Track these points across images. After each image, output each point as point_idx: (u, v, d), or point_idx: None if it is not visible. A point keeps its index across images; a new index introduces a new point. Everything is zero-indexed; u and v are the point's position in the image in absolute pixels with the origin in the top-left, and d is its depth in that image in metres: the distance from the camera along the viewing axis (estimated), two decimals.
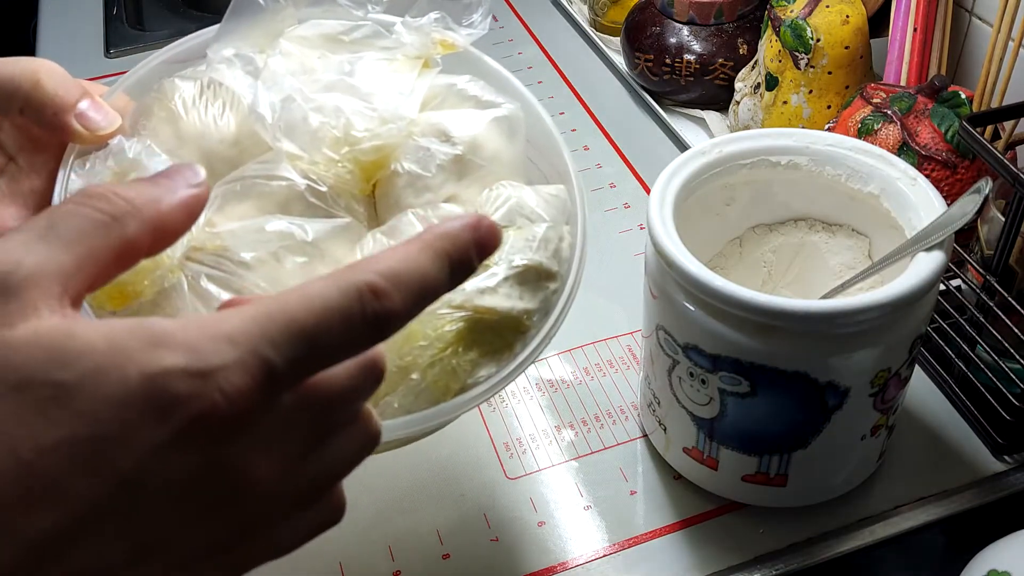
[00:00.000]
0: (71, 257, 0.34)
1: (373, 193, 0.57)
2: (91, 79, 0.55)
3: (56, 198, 0.52)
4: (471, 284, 0.51)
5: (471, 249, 0.38)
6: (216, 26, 0.58)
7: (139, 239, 0.36)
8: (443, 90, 0.59)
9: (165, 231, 0.38)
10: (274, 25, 0.58)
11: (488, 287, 0.51)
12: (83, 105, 0.53)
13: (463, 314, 0.50)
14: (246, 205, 0.53)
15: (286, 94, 0.54)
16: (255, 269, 0.49)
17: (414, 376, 0.50)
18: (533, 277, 0.52)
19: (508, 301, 0.51)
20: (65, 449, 0.30)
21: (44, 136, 0.54)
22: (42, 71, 0.52)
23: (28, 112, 0.52)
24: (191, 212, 0.39)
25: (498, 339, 0.52)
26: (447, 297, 0.50)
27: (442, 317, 0.50)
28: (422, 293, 0.36)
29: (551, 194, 0.57)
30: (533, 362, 0.53)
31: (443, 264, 0.37)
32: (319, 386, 0.35)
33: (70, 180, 0.52)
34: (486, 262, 0.51)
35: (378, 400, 0.50)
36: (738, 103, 0.99)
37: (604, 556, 0.66)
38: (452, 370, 0.50)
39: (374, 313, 0.34)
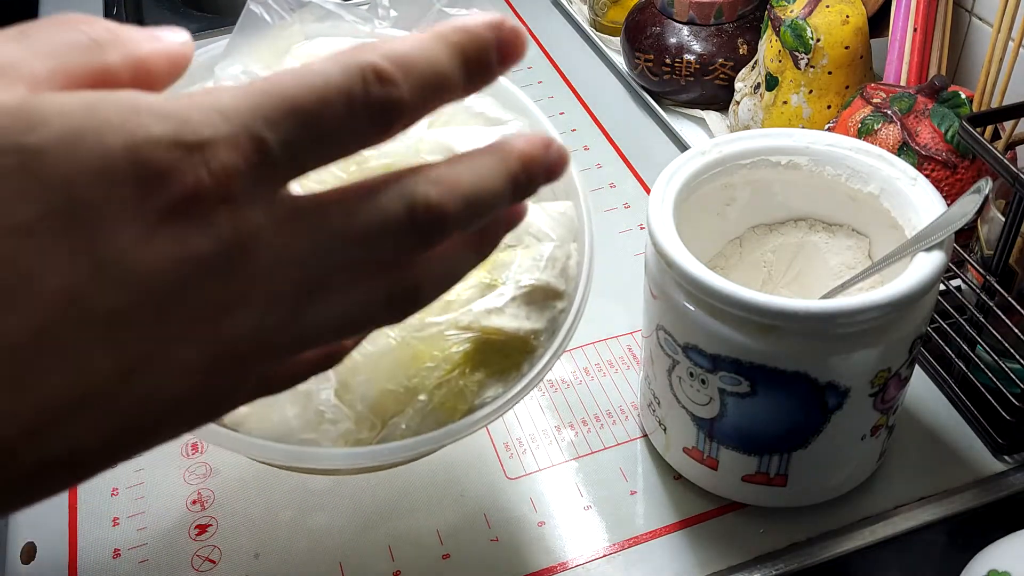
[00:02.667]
0: (43, 65, 0.29)
1: None
2: None
3: None
4: (478, 304, 0.51)
5: (491, 50, 0.34)
6: (222, 43, 0.58)
7: (117, 70, 0.32)
8: (450, 107, 0.59)
9: (147, 72, 0.33)
10: (281, 42, 0.57)
11: (495, 307, 0.51)
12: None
13: (470, 335, 0.50)
14: None
15: None
16: None
17: (421, 397, 0.50)
18: (540, 297, 0.52)
19: (515, 321, 0.51)
20: (37, 230, 0.26)
21: None
22: None
23: None
24: (174, 63, 0.35)
25: (505, 359, 0.51)
26: (453, 318, 0.49)
27: (449, 338, 0.50)
28: (432, 86, 0.32)
29: (559, 212, 0.57)
30: (540, 382, 0.53)
31: (458, 60, 0.32)
32: (332, 217, 0.31)
33: None
34: (493, 281, 0.51)
35: (386, 421, 0.50)
36: (738, 103, 0.99)
37: (604, 556, 0.66)
38: (459, 391, 0.50)
39: (378, 99, 0.30)
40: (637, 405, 0.76)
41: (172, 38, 0.35)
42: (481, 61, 0.33)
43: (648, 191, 0.96)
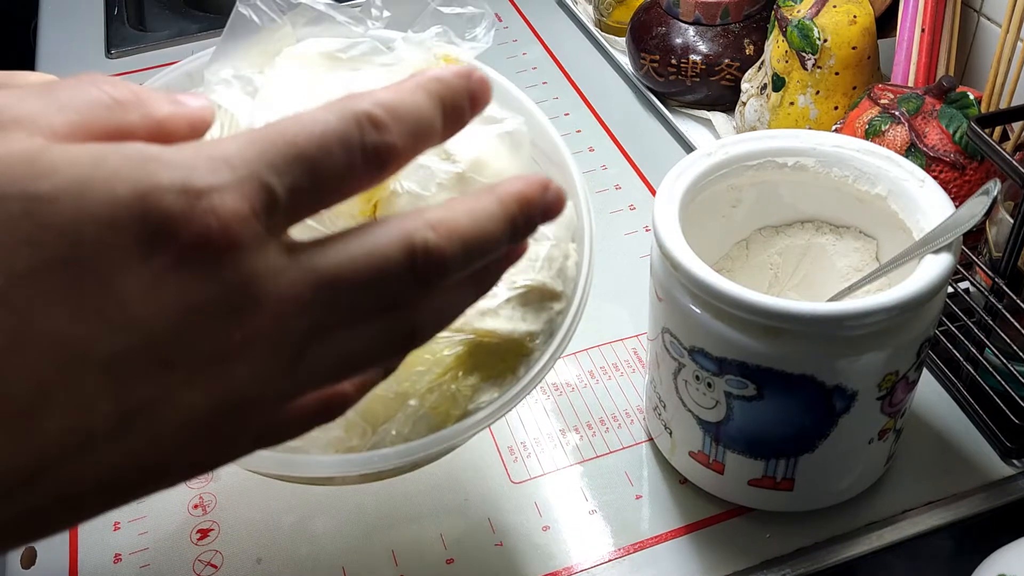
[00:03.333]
0: (63, 119, 0.30)
1: (374, 214, 0.56)
2: None
3: None
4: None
5: (464, 97, 0.35)
6: (210, 49, 0.57)
7: (136, 130, 0.32)
8: None
9: (166, 134, 0.34)
10: (271, 44, 0.56)
11: (489, 309, 0.49)
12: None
13: (463, 337, 0.49)
14: None
15: (283, 113, 0.53)
16: None
17: (412, 402, 0.48)
18: (536, 298, 0.51)
19: (510, 323, 0.50)
20: (42, 276, 0.26)
21: None
22: None
23: None
24: (194, 126, 0.35)
25: (500, 363, 0.50)
26: None
27: (440, 341, 0.48)
28: (419, 133, 0.33)
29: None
30: (537, 385, 0.51)
31: (438, 108, 0.34)
32: (333, 263, 0.31)
33: None
34: None
35: (376, 427, 0.48)
36: (744, 104, 0.98)
37: (609, 561, 0.66)
38: (452, 396, 0.48)
39: (373, 145, 0.32)
40: (642, 409, 0.75)
41: (193, 103, 0.35)
42: (457, 108, 0.35)
43: (653, 193, 0.95)
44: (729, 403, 0.60)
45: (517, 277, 0.50)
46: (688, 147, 1.01)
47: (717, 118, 1.04)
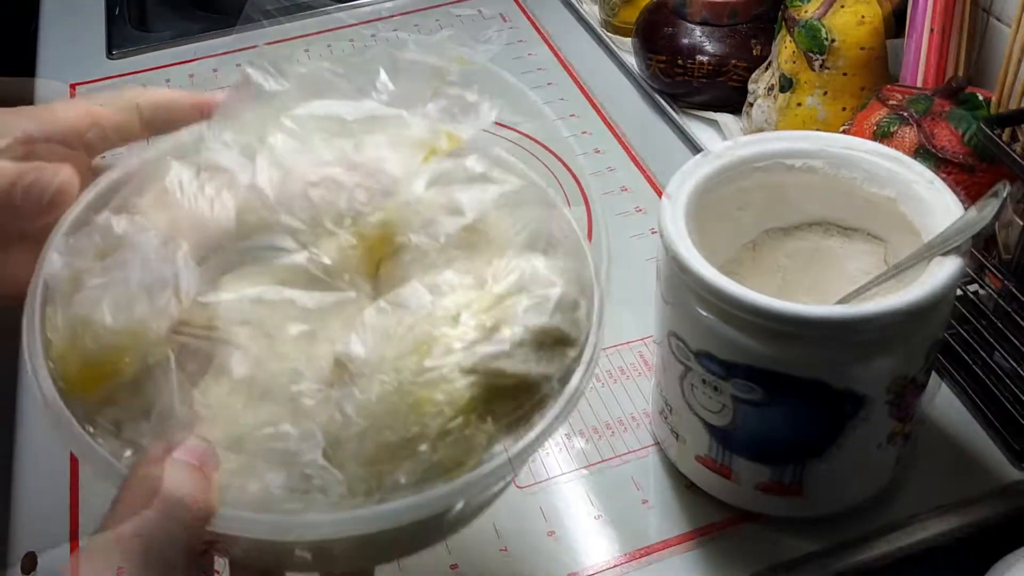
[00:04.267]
0: None
1: (378, 274, 0.54)
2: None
3: (36, 279, 0.49)
4: (482, 347, 0.47)
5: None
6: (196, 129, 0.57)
7: None
8: (450, 169, 0.56)
9: None
10: (276, 107, 0.56)
11: (502, 351, 0.47)
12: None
13: (476, 378, 0.46)
14: (243, 279, 0.50)
15: (286, 170, 0.52)
16: (250, 343, 0.46)
17: (423, 448, 0.45)
18: (550, 342, 0.49)
19: (525, 365, 0.48)
20: None
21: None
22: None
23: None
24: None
25: (515, 408, 0.48)
26: (457, 359, 0.46)
27: (453, 381, 0.46)
28: None
29: (565, 265, 0.53)
30: (553, 434, 0.48)
31: None
32: None
33: (51, 259, 0.50)
34: (497, 324, 0.48)
35: (382, 480, 0.45)
36: (752, 105, 0.98)
37: (616, 567, 0.66)
38: (466, 441, 0.46)
39: None
40: (649, 413, 0.75)
41: None
42: None
43: (660, 195, 0.95)
44: (736, 407, 0.60)
45: (529, 319, 0.48)
46: (695, 148, 1.00)
47: (725, 119, 1.04)
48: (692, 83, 1.03)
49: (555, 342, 0.49)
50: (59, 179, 0.52)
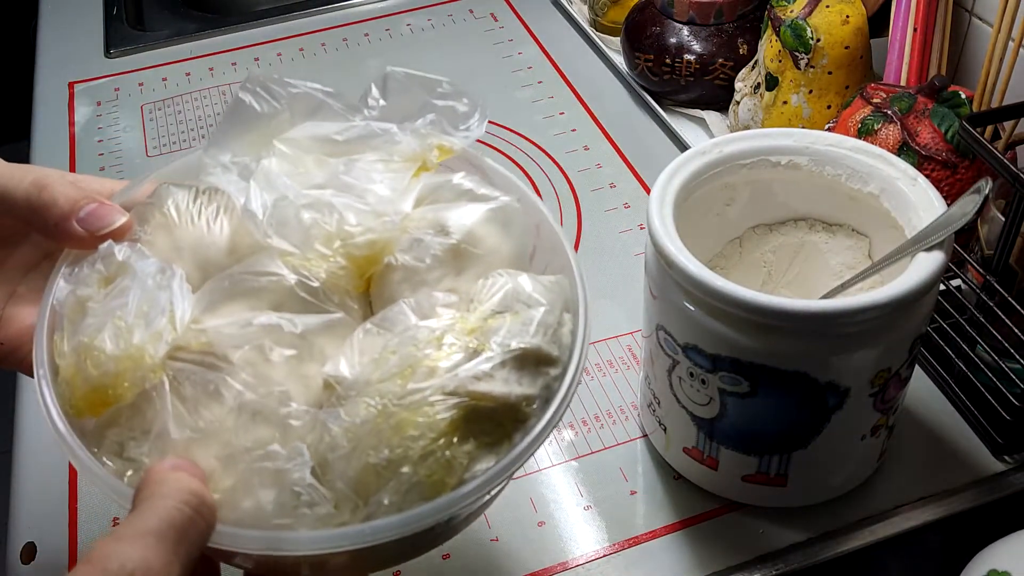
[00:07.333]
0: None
1: (367, 291, 0.55)
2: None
3: (44, 306, 0.51)
4: (464, 369, 0.48)
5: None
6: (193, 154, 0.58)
7: None
8: (438, 187, 0.57)
9: None
10: (270, 130, 0.57)
11: (484, 372, 0.48)
12: (85, 210, 0.53)
13: (457, 400, 0.47)
14: (236, 303, 0.51)
15: (279, 193, 0.53)
16: (242, 366, 0.48)
17: (405, 469, 0.46)
18: (532, 362, 0.49)
19: (506, 386, 0.48)
20: None
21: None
22: (48, 179, 0.54)
23: (33, 220, 0.54)
24: None
25: (496, 428, 0.48)
26: (439, 383, 0.47)
27: (434, 404, 0.47)
28: None
29: (551, 281, 0.54)
30: (534, 453, 0.49)
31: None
32: None
33: (59, 287, 0.52)
34: (480, 346, 0.49)
35: (368, 498, 0.46)
36: (738, 103, 0.99)
37: (604, 556, 0.66)
38: (447, 462, 0.46)
39: None
40: (637, 405, 0.76)
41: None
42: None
43: (648, 191, 0.96)
44: (723, 399, 0.61)
45: (512, 340, 0.49)
46: (682, 146, 1.01)
47: (711, 117, 1.05)
48: (679, 82, 1.04)
49: (537, 362, 0.49)
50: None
